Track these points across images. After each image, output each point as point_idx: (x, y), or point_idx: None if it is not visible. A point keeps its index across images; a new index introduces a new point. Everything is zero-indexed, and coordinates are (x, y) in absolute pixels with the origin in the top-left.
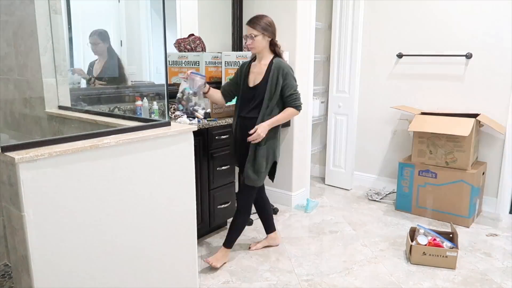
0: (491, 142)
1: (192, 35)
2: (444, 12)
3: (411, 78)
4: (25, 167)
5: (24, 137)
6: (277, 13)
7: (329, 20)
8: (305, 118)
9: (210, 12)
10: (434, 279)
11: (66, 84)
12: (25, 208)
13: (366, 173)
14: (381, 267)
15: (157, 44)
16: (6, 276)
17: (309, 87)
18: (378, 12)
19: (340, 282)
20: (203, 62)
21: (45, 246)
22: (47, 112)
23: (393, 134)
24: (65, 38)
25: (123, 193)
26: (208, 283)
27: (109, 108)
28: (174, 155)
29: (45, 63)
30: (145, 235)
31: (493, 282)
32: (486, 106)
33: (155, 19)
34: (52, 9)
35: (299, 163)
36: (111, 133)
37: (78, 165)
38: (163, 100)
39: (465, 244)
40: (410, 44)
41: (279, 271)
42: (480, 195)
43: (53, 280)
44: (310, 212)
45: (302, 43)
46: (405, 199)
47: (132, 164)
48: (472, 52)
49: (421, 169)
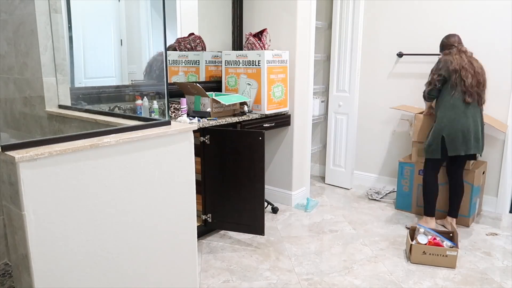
0: (491, 142)
1: (192, 34)
2: (444, 11)
3: (411, 77)
4: (25, 166)
5: (24, 136)
6: (277, 12)
7: (329, 19)
8: (305, 117)
9: (210, 11)
10: (434, 278)
11: (66, 83)
12: (25, 207)
13: (366, 172)
14: (381, 266)
15: (157, 43)
16: (6, 275)
17: (309, 86)
18: (379, 11)
19: (340, 281)
20: (203, 61)
21: (45, 245)
22: (47, 111)
23: (393, 134)
24: (65, 37)
25: (122, 192)
26: (208, 282)
27: (109, 107)
28: (174, 154)
29: (45, 62)
30: (145, 234)
31: (493, 282)
32: (486, 105)
33: (155, 18)
34: (52, 8)
35: (299, 162)
36: (111, 132)
37: (78, 164)
38: (163, 99)
39: (465, 244)
40: (410, 43)
41: (279, 270)
42: (480, 195)
43: (53, 279)
44: (310, 211)
45: (302, 42)
46: (405, 198)
47: (132, 163)
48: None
49: (421, 168)
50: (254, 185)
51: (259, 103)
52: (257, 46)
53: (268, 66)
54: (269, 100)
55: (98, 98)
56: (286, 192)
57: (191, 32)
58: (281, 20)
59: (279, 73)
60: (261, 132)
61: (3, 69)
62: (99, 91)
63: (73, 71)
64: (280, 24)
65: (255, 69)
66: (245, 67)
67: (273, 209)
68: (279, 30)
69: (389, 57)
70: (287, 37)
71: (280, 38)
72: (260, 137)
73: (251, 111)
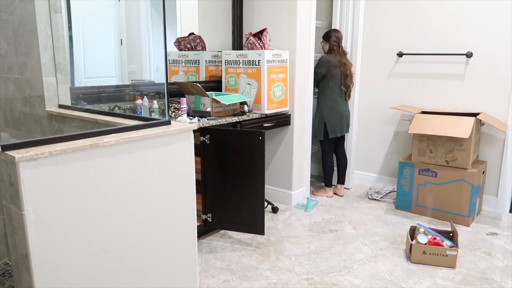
0: (491, 141)
1: (192, 33)
2: (445, 10)
3: (412, 77)
4: (25, 166)
5: (24, 136)
6: (277, 11)
7: (330, 18)
8: (305, 117)
9: (210, 10)
10: (434, 278)
11: (66, 83)
12: (25, 206)
13: (366, 172)
14: (381, 266)
15: (157, 42)
16: (6, 274)
17: (309, 86)
18: (379, 10)
19: (340, 281)
20: (203, 61)
21: (45, 244)
22: (47, 111)
23: (395, 135)
24: (65, 37)
25: (123, 192)
26: (208, 281)
27: (109, 107)
28: (174, 154)
29: (45, 62)
30: (145, 234)
31: (493, 281)
32: (486, 105)
33: (155, 18)
34: (52, 8)
35: (299, 162)
36: (111, 132)
37: (78, 163)
38: (163, 99)
39: (465, 243)
40: (410, 42)
41: (279, 270)
42: (480, 194)
43: (54, 279)
44: (310, 211)
45: (302, 41)
46: (405, 198)
47: (132, 163)
48: (473, 51)
49: (421, 168)
50: (254, 184)
51: (259, 102)
52: (257, 46)
53: (268, 65)
54: (269, 100)
55: (98, 97)
56: (286, 192)
57: (191, 32)
58: (281, 20)
59: (279, 73)
60: (261, 132)
61: (3, 68)
62: (99, 91)
63: (73, 71)
64: (280, 23)
65: (255, 68)
66: (245, 66)
67: (273, 208)
68: (279, 30)
69: (389, 56)
70: (287, 36)
71: (280, 38)
72: (260, 136)
73: (251, 111)
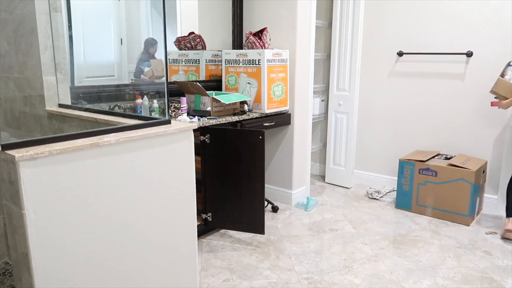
0: (491, 141)
1: (192, 33)
2: (445, 10)
3: (412, 76)
4: (26, 165)
5: (24, 135)
6: (277, 10)
7: (330, 18)
8: (305, 116)
9: (210, 10)
10: (434, 277)
11: (66, 82)
12: (26, 206)
13: (366, 171)
14: (381, 265)
15: (157, 42)
16: (6, 274)
17: (309, 85)
18: (379, 10)
19: (340, 280)
20: (203, 60)
21: (45, 244)
22: (47, 110)
23: None
24: (65, 36)
25: (123, 191)
26: (208, 281)
27: (109, 106)
28: (174, 153)
29: (45, 61)
30: (145, 233)
31: (493, 281)
32: (486, 104)
33: (155, 17)
34: (52, 7)
35: (299, 161)
36: (111, 131)
37: (78, 163)
38: (163, 98)
39: (465, 243)
40: (410, 42)
41: (279, 269)
42: (480, 194)
43: (54, 278)
44: (310, 210)
45: (302, 41)
46: (405, 197)
47: (132, 162)
48: (473, 51)
49: (422, 168)
50: (254, 184)
51: (259, 102)
52: (257, 45)
53: (268, 65)
54: (269, 99)
55: (98, 97)
56: (286, 191)
57: (191, 31)
58: (281, 19)
59: (279, 72)
60: (261, 131)
61: (3, 68)
62: (99, 90)
63: (73, 70)
64: (280, 23)
65: (255, 68)
66: (245, 66)
67: (273, 208)
68: (279, 29)
69: (390, 56)
70: (287, 36)
71: (280, 37)
72: (260, 136)
73: (251, 110)
